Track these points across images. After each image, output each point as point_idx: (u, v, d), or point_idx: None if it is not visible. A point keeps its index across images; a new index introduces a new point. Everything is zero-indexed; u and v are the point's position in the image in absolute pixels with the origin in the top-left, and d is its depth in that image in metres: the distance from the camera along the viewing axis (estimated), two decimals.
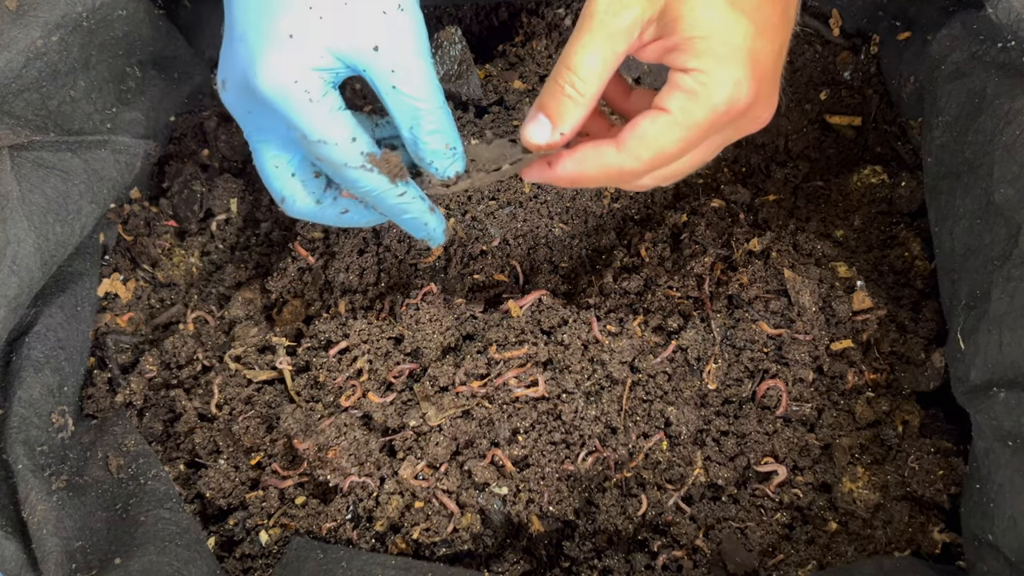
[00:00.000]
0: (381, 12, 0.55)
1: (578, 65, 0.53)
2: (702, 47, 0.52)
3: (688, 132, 0.53)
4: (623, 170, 0.55)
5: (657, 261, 0.79)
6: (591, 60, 0.53)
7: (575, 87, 0.54)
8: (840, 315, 0.73)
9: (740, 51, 0.52)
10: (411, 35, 0.56)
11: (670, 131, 0.53)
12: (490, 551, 0.70)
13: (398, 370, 0.72)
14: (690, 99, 0.52)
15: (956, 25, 0.71)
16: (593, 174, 0.57)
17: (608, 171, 0.56)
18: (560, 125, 0.56)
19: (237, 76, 0.57)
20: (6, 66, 0.63)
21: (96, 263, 0.79)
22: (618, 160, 0.55)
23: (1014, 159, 0.62)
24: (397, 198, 0.61)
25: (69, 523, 0.63)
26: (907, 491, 0.69)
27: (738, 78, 0.52)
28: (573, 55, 0.53)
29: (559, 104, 0.55)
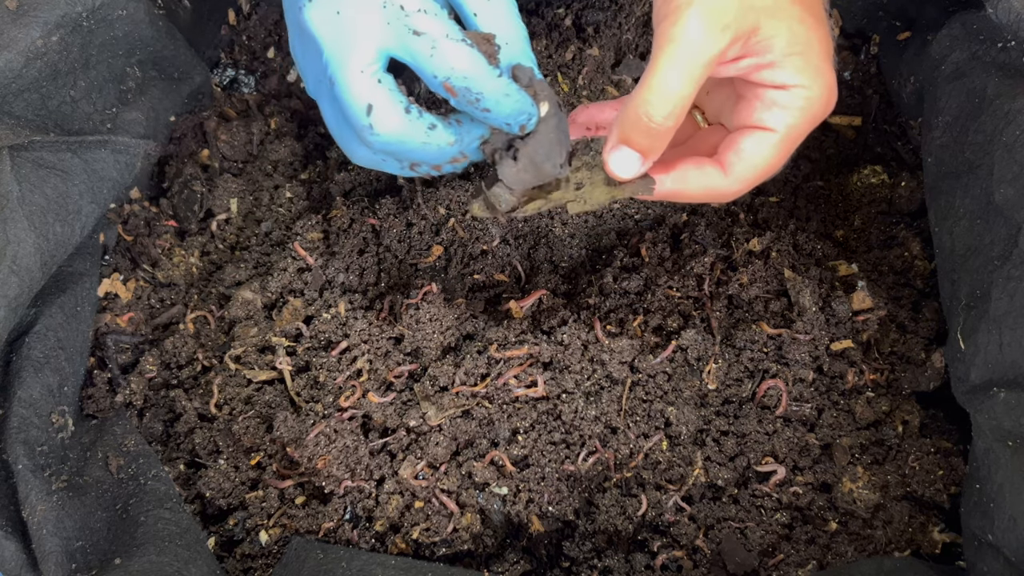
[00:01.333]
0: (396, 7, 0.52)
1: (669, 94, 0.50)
2: (800, 64, 0.51)
3: (792, 145, 0.54)
4: (725, 192, 0.55)
5: (657, 261, 0.79)
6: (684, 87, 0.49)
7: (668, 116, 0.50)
8: (840, 315, 0.73)
9: (828, 59, 0.52)
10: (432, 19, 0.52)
11: (775, 150, 0.53)
12: (490, 551, 0.70)
13: (398, 370, 0.72)
14: (794, 115, 0.52)
15: (956, 25, 0.71)
16: (693, 194, 0.56)
17: (710, 192, 0.55)
18: (651, 156, 0.53)
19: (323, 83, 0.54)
20: (6, 66, 0.63)
21: (96, 263, 0.79)
22: (724, 184, 0.55)
23: (1014, 159, 0.62)
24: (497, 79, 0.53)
25: (69, 523, 0.63)
26: (907, 491, 0.69)
27: (832, 84, 0.53)
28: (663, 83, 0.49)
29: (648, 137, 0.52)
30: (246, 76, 0.93)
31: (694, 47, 0.49)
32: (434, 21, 0.52)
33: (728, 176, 0.54)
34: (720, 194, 0.55)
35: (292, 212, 0.86)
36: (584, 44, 0.89)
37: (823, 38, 0.52)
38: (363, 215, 0.82)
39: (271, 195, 0.86)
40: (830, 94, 0.53)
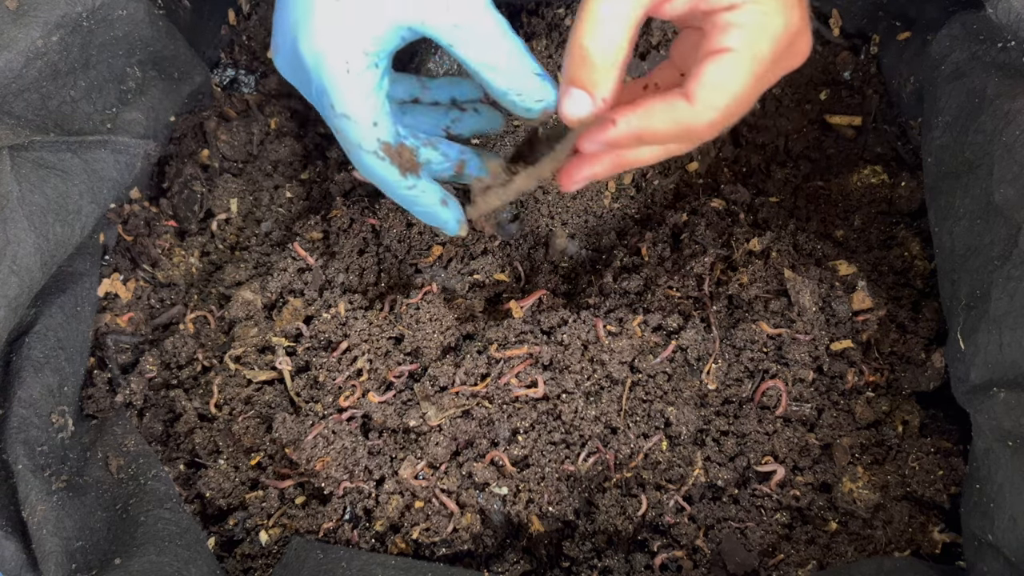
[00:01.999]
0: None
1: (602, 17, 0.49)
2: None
3: (756, 66, 0.50)
4: (697, 124, 0.51)
5: (657, 261, 0.79)
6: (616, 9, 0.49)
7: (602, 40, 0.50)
8: (840, 315, 0.73)
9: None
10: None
11: (739, 69, 0.50)
12: (490, 551, 0.70)
13: (398, 370, 0.72)
14: (752, 32, 0.49)
15: (956, 25, 0.71)
16: (661, 130, 0.52)
17: (680, 125, 0.52)
18: (598, 92, 0.52)
19: (287, 41, 0.55)
20: (6, 66, 0.63)
21: (96, 263, 0.79)
22: (691, 113, 0.51)
23: (1014, 159, 0.62)
24: (406, 190, 0.59)
25: (69, 523, 0.63)
26: (907, 491, 0.69)
27: (790, 2, 0.50)
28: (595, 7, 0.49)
29: (590, 72, 0.51)
30: (246, 76, 0.93)
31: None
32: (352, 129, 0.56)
33: (694, 104, 0.51)
34: (692, 127, 0.52)
35: (292, 212, 0.86)
36: None
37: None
38: (363, 215, 0.82)
39: (271, 195, 0.86)
40: (788, 11, 0.50)
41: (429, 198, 0.61)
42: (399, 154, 0.58)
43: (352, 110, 0.55)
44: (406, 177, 0.59)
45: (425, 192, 0.60)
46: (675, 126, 0.52)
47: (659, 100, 0.52)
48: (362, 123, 0.56)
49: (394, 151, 0.57)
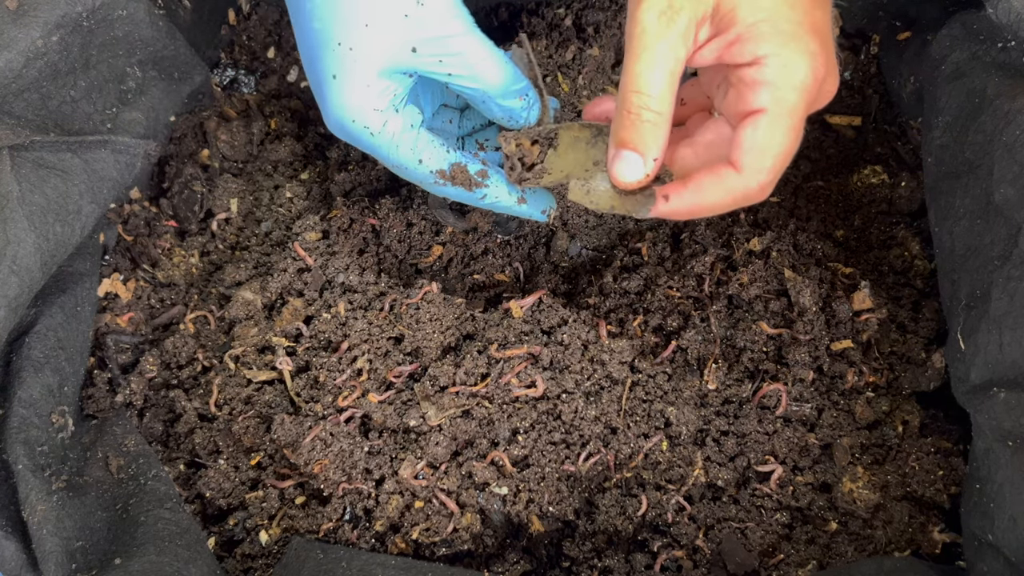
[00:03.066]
0: (403, 16, 0.55)
1: (647, 85, 0.50)
2: (767, 30, 0.49)
3: (791, 120, 0.50)
4: (749, 189, 0.52)
5: (657, 261, 0.79)
6: (658, 75, 0.50)
7: (651, 108, 0.51)
8: (840, 315, 0.73)
9: (804, 24, 0.50)
10: (445, 19, 0.56)
11: (777, 128, 0.50)
12: (490, 551, 0.70)
13: (398, 370, 0.72)
14: (777, 88, 0.50)
15: (956, 25, 0.71)
16: (717, 202, 0.53)
17: (734, 196, 0.53)
18: (649, 153, 0.53)
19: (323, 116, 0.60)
20: (6, 66, 0.63)
21: (96, 263, 0.79)
22: (743, 182, 0.52)
23: (1014, 159, 0.62)
24: (480, 201, 0.63)
25: (69, 523, 0.63)
26: (907, 491, 0.69)
27: (813, 50, 0.50)
28: (638, 76, 0.50)
29: (640, 133, 0.52)
30: (246, 76, 0.93)
31: (653, 33, 0.50)
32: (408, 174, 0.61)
33: (742, 172, 0.52)
34: (745, 193, 0.53)
35: (292, 212, 0.86)
36: (584, 44, 0.89)
37: (800, 4, 0.50)
38: (363, 215, 0.82)
39: (271, 195, 0.86)
40: (812, 58, 0.50)
41: (506, 201, 0.64)
42: (454, 177, 0.61)
43: (396, 161, 0.60)
44: (473, 191, 0.62)
45: (499, 198, 0.63)
46: (728, 196, 0.53)
47: (708, 175, 0.53)
48: (410, 166, 0.60)
49: (449, 175, 0.61)
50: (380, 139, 0.58)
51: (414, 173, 0.60)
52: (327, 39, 0.56)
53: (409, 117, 0.59)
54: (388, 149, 0.59)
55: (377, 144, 0.58)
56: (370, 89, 0.56)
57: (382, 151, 0.59)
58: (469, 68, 0.57)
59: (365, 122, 0.57)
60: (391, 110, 0.57)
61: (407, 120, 0.59)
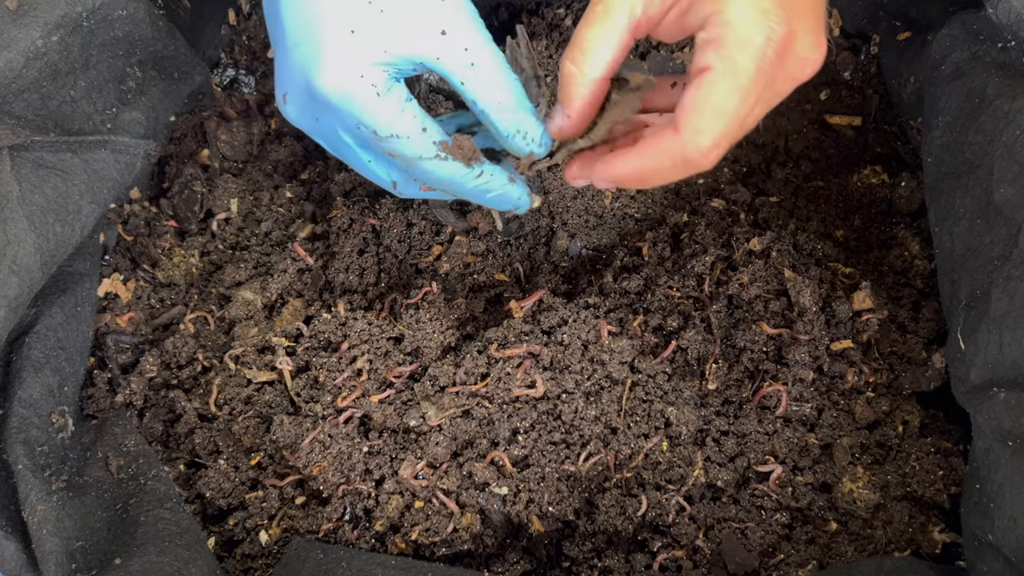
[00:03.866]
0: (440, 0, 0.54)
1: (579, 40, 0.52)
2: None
3: (740, 80, 0.48)
4: (688, 152, 0.50)
5: (657, 261, 0.79)
6: (591, 36, 0.51)
7: (576, 64, 0.52)
8: (840, 315, 0.73)
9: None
10: (472, 14, 0.56)
11: (721, 87, 0.48)
12: (490, 551, 0.70)
13: (398, 370, 0.72)
14: (723, 46, 0.48)
15: (956, 25, 0.71)
16: (658, 165, 0.52)
17: (674, 158, 0.51)
18: (568, 107, 0.53)
19: (297, 84, 0.56)
20: (6, 66, 0.63)
21: (96, 263, 0.79)
22: (680, 143, 0.50)
23: (1014, 159, 0.62)
24: (476, 180, 0.60)
25: (69, 523, 0.63)
26: (907, 491, 0.69)
27: (764, 7, 0.47)
28: (576, 33, 0.52)
29: (564, 86, 0.53)
30: (246, 76, 0.93)
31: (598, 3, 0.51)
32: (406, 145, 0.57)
33: (680, 132, 0.50)
34: (683, 156, 0.50)
35: (292, 212, 0.86)
36: None
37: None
38: (363, 215, 0.82)
39: (271, 195, 0.86)
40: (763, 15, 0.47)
41: (498, 180, 0.61)
42: (459, 147, 0.58)
43: (399, 128, 0.56)
44: (472, 167, 0.59)
45: (494, 175, 0.61)
46: (668, 160, 0.51)
47: (651, 140, 0.52)
48: (413, 135, 0.56)
49: (453, 147, 0.58)
50: (386, 102, 0.54)
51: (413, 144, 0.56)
52: None
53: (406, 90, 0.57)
54: (393, 114, 0.55)
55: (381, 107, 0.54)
56: (387, 55, 0.54)
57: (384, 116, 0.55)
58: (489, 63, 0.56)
59: (374, 80, 0.54)
60: (396, 78, 0.55)
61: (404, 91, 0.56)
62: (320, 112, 0.57)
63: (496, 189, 0.61)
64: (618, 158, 0.54)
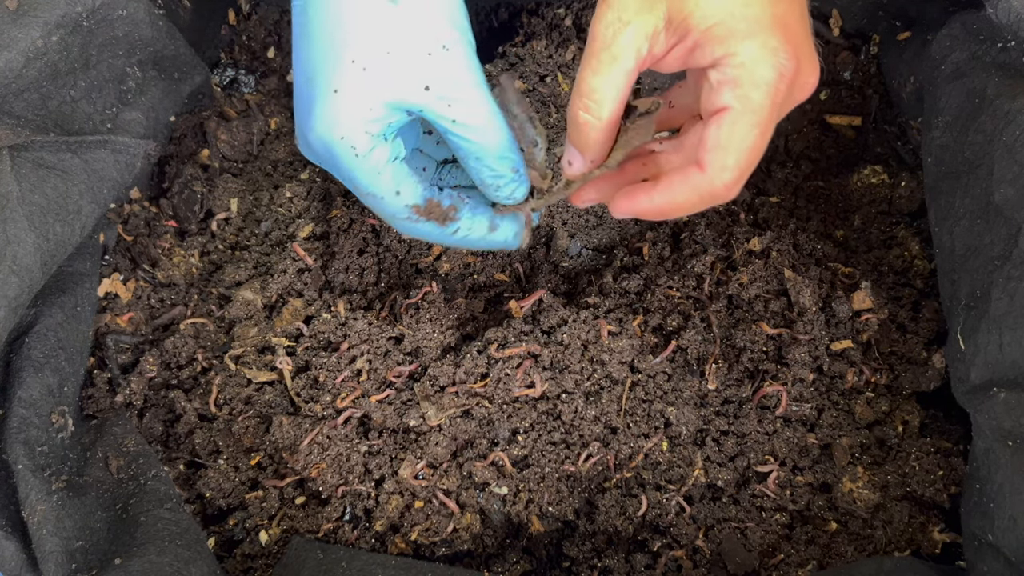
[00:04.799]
0: (426, 54, 0.55)
1: (589, 90, 0.52)
2: (722, 32, 0.50)
3: (756, 117, 0.50)
4: (715, 188, 0.53)
5: (657, 261, 0.79)
6: (601, 83, 0.52)
7: (591, 112, 0.53)
8: (840, 315, 0.73)
9: (762, 21, 0.50)
10: (461, 70, 0.56)
11: (739, 126, 0.50)
12: (490, 551, 0.70)
13: (398, 370, 0.72)
14: (739, 86, 0.50)
15: (956, 25, 0.71)
16: (684, 201, 0.54)
17: (701, 194, 0.53)
18: (587, 152, 0.55)
19: (301, 132, 0.59)
20: (6, 66, 0.63)
21: (96, 263, 0.79)
22: (707, 181, 0.52)
23: (1014, 159, 0.62)
24: (453, 236, 0.62)
25: (69, 523, 0.63)
26: (907, 491, 0.69)
27: (773, 45, 0.50)
28: (583, 81, 0.52)
29: (580, 133, 0.54)
30: (246, 76, 0.93)
31: (602, 43, 0.51)
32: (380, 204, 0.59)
33: (706, 171, 0.52)
34: (711, 192, 0.53)
35: (292, 212, 0.86)
36: (584, 44, 0.89)
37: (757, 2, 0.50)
38: (363, 215, 0.82)
39: (271, 195, 0.86)
40: (773, 54, 0.50)
41: (478, 232, 0.63)
42: (430, 212, 0.60)
43: (373, 188, 0.58)
44: (447, 226, 0.61)
45: (472, 229, 0.62)
46: (695, 196, 0.53)
47: (676, 175, 0.54)
48: (387, 196, 0.58)
49: (424, 210, 0.60)
50: (363, 162, 0.57)
51: (387, 205, 0.59)
52: (340, 54, 0.55)
53: (395, 149, 0.58)
54: (369, 175, 0.58)
55: (358, 167, 0.57)
56: (371, 112, 0.56)
57: (360, 176, 0.58)
58: (474, 119, 0.57)
59: (353, 142, 0.56)
60: (381, 137, 0.57)
61: (393, 151, 0.58)
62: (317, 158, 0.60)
63: (476, 240, 0.63)
64: (642, 194, 0.56)
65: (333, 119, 0.56)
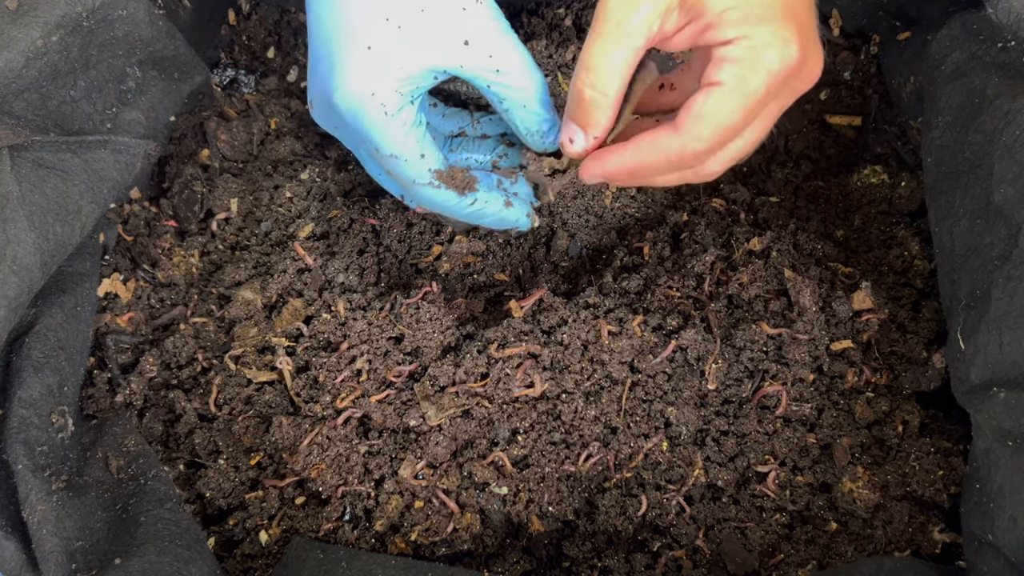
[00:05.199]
0: (461, 9, 0.55)
1: (596, 66, 0.51)
2: (736, 16, 0.50)
3: (746, 100, 0.51)
4: (684, 153, 0.52)
5: (657, 261, 0.79)
6: (608, 59, 0.51)
7: (596, 88, 0.52)
8: (840, 315, 0.73)
9: (776, 9, 0.50)
10: (495, 20, 0.56)
11: (727, 102, 0.51)
12: (490, 551, 0.70)
13: (398, 370, 0.72)
14: (742, 67, 0.50)
15: (956, 25, 0.71)
16: (653, 162, 0.54)
17: (668, 156, 0.53)
18: (590, 129, 0.54)
19: (321, 95, 0.57)
20: (6, 66, 0.63)
21: (96, 263, 0.79)
22: (678, 143, 0.52)
23: (1014, 159, 0.62)
24: (469, 207, 0.62)
25: (69, 523, 0.63)
26: (907, 491, 0.69)
27: (784, 36, 0.50)
28: (591, 56, 0.52)
29: (583, 109, 0.53)
30: (246, 76, 0.93)
31: (613, 19, 0.51)
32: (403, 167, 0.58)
33: (679, 132, 0.52)
34: (679, 155, 0.53)
35: (292, 212, 0.86)
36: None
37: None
38: (363, 215, 0.82)
39: (271, 195, 0.86)
40: (783, 44, 0.50)
41: (493, 206, 0.63)
42: (452, 177, 0.60)
43: (399, 149, 0.57)
44: (465, 196, 0.61)
45: (488, 203, 0.62)
46: (663, 157, 0.53)
47: (647, 136, 0.54)
48: (411, 159, 0.58)
49: (447, 176, 0.60)
50: (392, 122, 0.56)
51: (410, 168, 0.58)
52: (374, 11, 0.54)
53: (420, 113, 0.58)
54: (397, 136, 0.56)
55: (387, 127, 0.56)
56: (403, 71, 0.55)
57: (388, 136, 0.56)
58: (515, 67, 0.56)
59: (384, 99, 0.55)
60: (409, 98, 0.56)
61: (419, 115, 0.57)
62: (337, 122, 0.59)
63: (491, 214, 0.63)
64: (611, 154, 0.55)
65: (367, 76, 0.54)
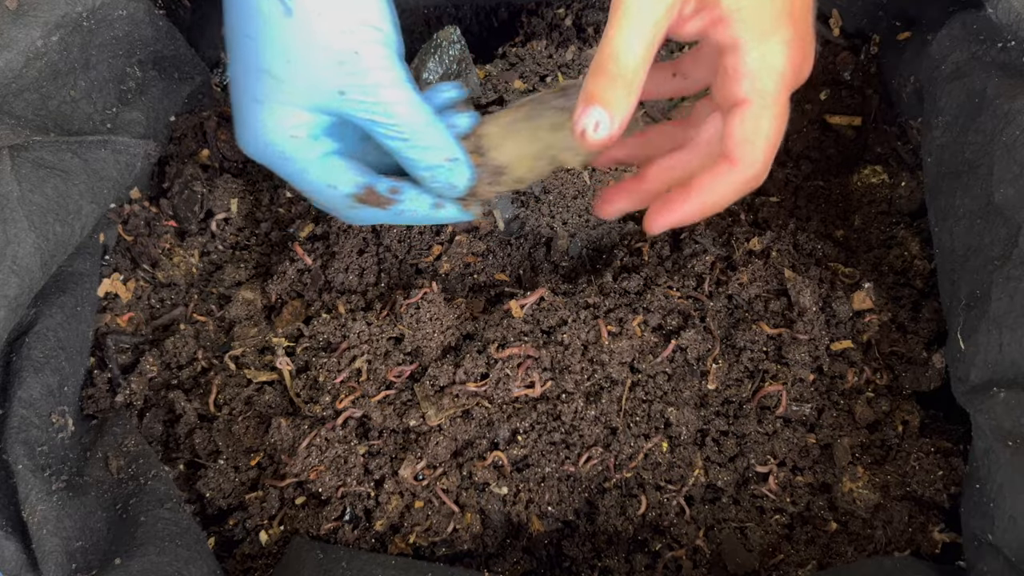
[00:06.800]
0: (337, 63, 0.55)
1: (624, 48, 0.51)
2: (747, 17, 0.52)
3: (775, 108, 0.54)
4: (749, 180, 0.55)
5: (657, 261, 0.79)
6: (635, 41, 0.51)
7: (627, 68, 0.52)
8: (840, 315, 0.73)
9: (782, 13, 0.52)
10: (377, 72, 0.56)
11: (762, 118, 0.53)
12: (490, 551, 0.70)
13: (398, 370, 0.72)
14: (757, 79, 0.53)
15: (956, 25, 0.71)
16: (722, 198, 0.57)
17: (736, 188, 0.56)
18: (617, 113, 0.53)
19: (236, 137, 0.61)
20: (6, 66, 0.63)
21: (96, 263, 0.79)
22: (741, 175, 0.55)
23: (1014, 159, 0.62)
24: (398, 217, 0.62)
25: (69, 523, 0.63)
26: (907, 491, 0.69)
27: (788, 38, 0.53)
28: (616, 40, 0.51)
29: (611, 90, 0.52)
30: None
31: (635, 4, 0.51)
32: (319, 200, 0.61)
33: (738, 165, 0.55)
34: (744, 183, 0.56)
35: (292, 212, 0.86)
36: (584, 44, 0.89)
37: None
38: None
39: (271, 195, 0.86)
40: (787, 47, 0.53)
41: (422, 211, 0.63)
42: (365, 199, 0.61)
43: (306, 187, 0.60)
44: (388, 210, 0.61)
45: (416, 209, 0.62)
46: (732, 190, 0.56)
47: (709, 176, 0.56)
48: (322, 192, 0.60)
49: (363, 197, 0.60)
50: (292, 165, 0.59)
51: (327, 198, 0.60)
52: (257, 66, 0.56)
53: (324, 146, 0.59)
54: (299, 174, 0.59)
55: (288, 170, 0.59)
56: (291, 119, 0.57)
57: (294, 176, 0.60)
58: (393, 119, 0.57)
59: (280, 146, 0.58)
60: (308, 139, 0.58)
61: (322, 148, 0.59)
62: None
63: (423, 218, 0.63)
64: (679, 203, 0.58)
65: (258, 127, 0.58)
